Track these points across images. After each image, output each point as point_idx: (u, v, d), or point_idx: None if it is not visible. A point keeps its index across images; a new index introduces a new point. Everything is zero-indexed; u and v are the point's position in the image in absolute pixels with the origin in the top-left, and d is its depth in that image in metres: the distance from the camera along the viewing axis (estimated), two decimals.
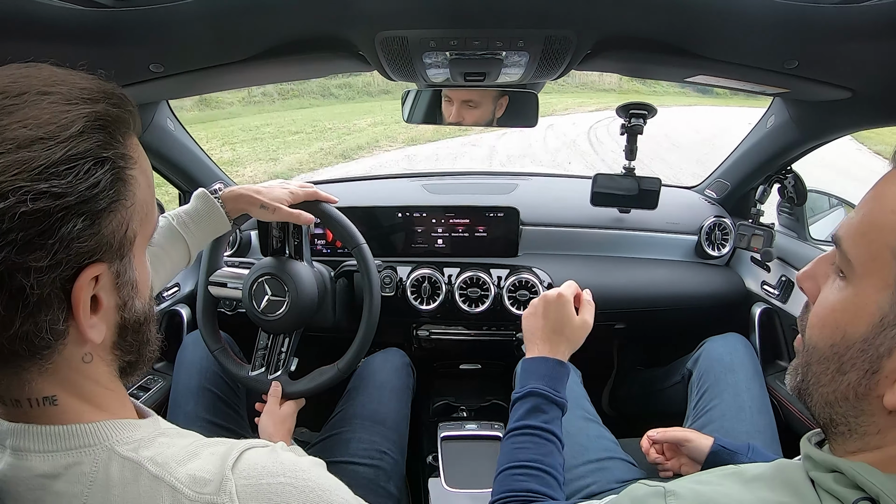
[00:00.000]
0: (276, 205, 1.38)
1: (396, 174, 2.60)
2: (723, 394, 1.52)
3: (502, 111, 1.74)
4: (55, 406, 0.62)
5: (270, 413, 1.45)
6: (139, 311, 0.69)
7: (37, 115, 0.55)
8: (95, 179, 0.57)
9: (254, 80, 1.60)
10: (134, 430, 0.66)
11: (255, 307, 1.49)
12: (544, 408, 1.08)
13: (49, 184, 0.53)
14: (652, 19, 1.08)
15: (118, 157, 0.60)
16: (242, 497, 0.62)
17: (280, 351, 1.54)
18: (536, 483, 0.99)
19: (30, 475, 0.61)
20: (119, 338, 0.68)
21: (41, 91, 0.56)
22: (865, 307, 0.58)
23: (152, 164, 1.81)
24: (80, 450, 0.62)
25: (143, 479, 0.62)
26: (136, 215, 0.64)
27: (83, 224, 0.56)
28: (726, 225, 2.02)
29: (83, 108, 0.57)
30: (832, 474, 0.59)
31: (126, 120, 0.63)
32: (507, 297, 1.89)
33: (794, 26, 1.03)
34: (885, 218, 0.57)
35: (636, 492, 0.71)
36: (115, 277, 0.63)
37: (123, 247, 0.63)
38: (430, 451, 1.77)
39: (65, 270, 0.56)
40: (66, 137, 0.55)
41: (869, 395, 0.59)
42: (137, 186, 0.64)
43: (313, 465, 0.70)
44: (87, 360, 0.64)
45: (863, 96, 1.28)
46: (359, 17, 1.06)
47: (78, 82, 0.60)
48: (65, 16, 0.97)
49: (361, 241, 1.49)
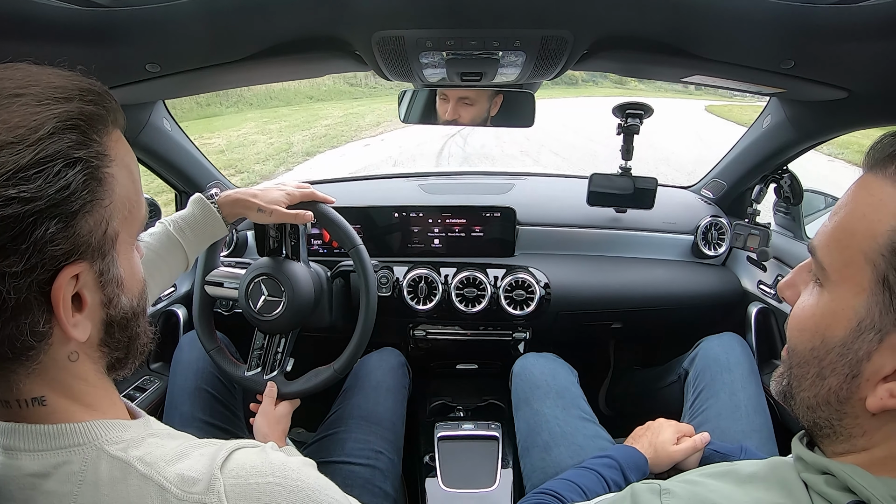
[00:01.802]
0: (274, 207, 1.38)
1: (393, 174, 2.60)
2: (719, 393, 1.52)
3: (497, 110, 1.75)
4: (44, 406, 0.63)
5: (265, 413, 1.44)
6: (126, 308, 0.68)
7: (6, 119, 0.54)
8: (66, 181, 0.56)
9: (250, 80, 1.60)
10: (123, 430, 0.66)
11: (251, 307, 1.49)
12: (613, 467, 1.27)
13: (17, 189, 0.52)
14: (648, 19, 1.08)
15: (92, 157, 0.59)
16: (231, 497, 0.62)
17: (276, 351, 1.53)
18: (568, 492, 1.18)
19: (20, 474, 0.61)
20: (106, 335, 0.67)
21: (13, 93, 0.56)
22: (842, 312, 0.59)
23: (148, 164, 1.82)
24: (70, 449, 0.62)
25: (131, 478, 0.62)
26: (117, 213, 0.63)
27: (56, 227, 0.56)
28: (722, 225, 2.02)
29: (55, 109, 0.57)
30: (823, 476, 0.60)
31: (103, 116, 0.62)
32: (504, 297, 1.89)
33: (790, 26, 1.03)
34: (857, 224, 0.58)
35: (633, 488, 0.72)
36: (98, 275, 0.63)
37: (104, 245, 0.62)
38: (426, 451, 1.77)
39: (41, 273, 0.56)
40: (35, 140, 0.54)
41: (851, 398, 0.59)
42: (116, 184, 0.63)
43: (303, 464, 0.70)
44: (74, 358, 0.64)
45: (859, 96, 1.28)
46: (355, 17, 1.06)
47: (53, 81, 0.59)
48: (60, 15, 0.97)
49: (358, 243, 1.49)
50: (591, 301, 1.95)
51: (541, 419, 1.52)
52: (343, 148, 13.47)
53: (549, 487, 1.21)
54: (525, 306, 1.90)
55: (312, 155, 12.55)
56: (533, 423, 1.53)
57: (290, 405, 1.49)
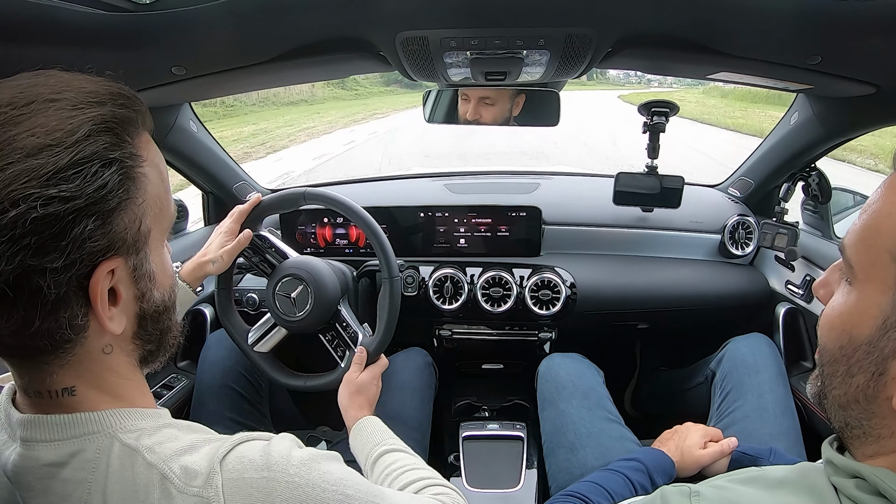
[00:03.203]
0: (220, 252, 1.43)
1: (418, 174, 2.60)
2: (746, 395, 1.51)
3: (519, 110, 1.74)
4: (73, 396, 0.65)
5: (346, 383, 1.41)
6: (158, 301, 0.71)
7: (44, 123, 0.56)
8: (103, 181, 0.58)
9: (275, 82, 1.61)
10: (140, 418, 0.68)
11: (278, 309, 1.50)
12: (640, 471, 1.27)
13: (58, 189, 0.55)
14: (673, 16, 1.07)
15: (126, 157, 0.61)
16: (227, 491, 0.63)
17: (346, 326, 1.53)
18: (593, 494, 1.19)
19: (37, 465, 0.63)
20: (139, 328, 0.70)
21: (48, 99, 0.58)
22: (868, 310, 0.59)
23: (176, 165, 1.84)
24: (85, 437, 0.64)
25: (138, 465, 0.63)
26: (149, 211, 0.66)
27: (94, 224, 0.58)
28: (750, 223, 2.00)
29: (89, 112, 0.59)
30: (854, 480, 0.59)
31: (134, 119, 0.64)
32: (530, 297, 1.89)
33: (816, 21, 1.02)
34: (883, 222, 0.58)
35: (663, 491, 0.71)
36: (133, 270, 0.65)
37: (138, 241, 0.65)
38: (451, 450, 1.77)
39: (80, 269, 0.58)
40: (73, 142, 0.57)
41: (878, 397, 0.59)
42: (148, 183, 0.65)
43: (311, 459, 0.70)
44: (108, 351, 0.66)
45: (888, 92, 1.26)
46: (379, 17, 1.07)
47: (84, 86, 0.61)
48: (87, 21, 0.99)
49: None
50: (617, 301, 1.94)
51: (566, 420, 1.52)
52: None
53: (575, 490, 1.21)
54: (551, 306, 1.89)
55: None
56: (559, 424, 1.53)
57: (370, 372, 1.43)
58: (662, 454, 1.33)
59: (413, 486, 1.03)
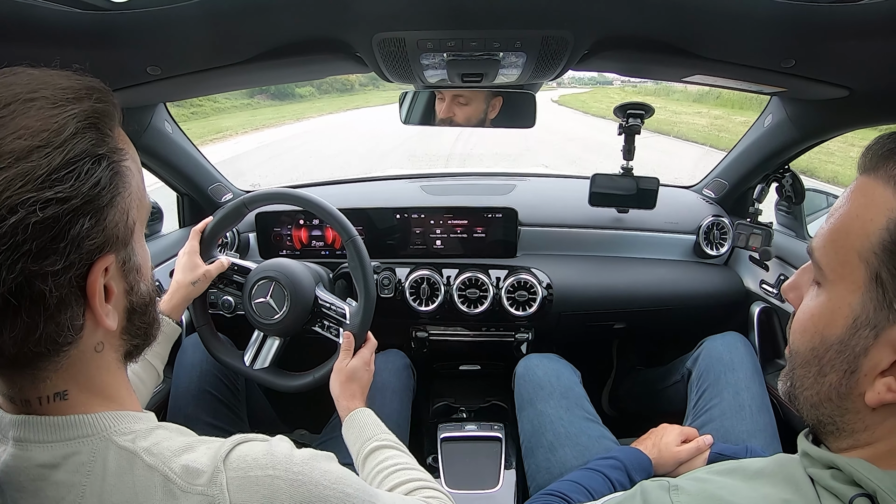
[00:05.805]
0: (201, 271, 1.44)
1: (394, 175, 2.60)
2: (722, 392, 1.52)
3: (495, 112, 1.74)
4: (65, 401, 0.64)
5: (337, 371, 1.40)
6: (144, 293, 0.72)
7: (28, 125, 0.55)
8: (96, 178, 0.58)
9: (251, 82, 1.60)
10: (133, 421, 0.67)
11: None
12: (618, 468, 1.29)
13: (54, 190, 0.54)
14: (649, 19, 1.08)
15: (112, 152, 0.62)
16: (232, 489, 0.63)
17: (330, 307, 1.53)
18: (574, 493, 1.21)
19: (30, 465, 0.62)
20: (128, 322, 0.70)
21: (26, 98, 0.57)
22: (839, 310, 0.60)
23: (151, 167, 1.82)
24: (79, 440, 0.63)
25: (137, 468, 0.63)
26: (134, 203, 0.66)
27: (90, 223, 0.58)
28: (724, 224, 2.02)
29: (71, 109, 0.59)
30: (829, 471, 0.61)
31: (112, 113, 0.64)
32: (506, 298, 1.90)
33: (790, 25, 1.03)
34: (851, 223, 0.60)
35: (643, 486, 0.73)
36: (122, 265, 0.66)
37: (127, 235, 0.65)
38: (430, 452, 1.77)
39: (78, 268, 0.58)
40: (62, 142, 0.56)
41: (851, 394, 0.61)
42: (132, 176, 0.66)
43: (311, 458, 0.70)
44: (100, 349, 0.66)
45: (860, 95, 1.28)
46: (356, 19, 1.06)
47: (59, 82, 0.61)
48: (60, 19, 0.97)
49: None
50: (593, 301, 1.95)
51: (545, 420, 1.52)
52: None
53: (554, 489, 1.22)
54: (527, 307, 1.90)
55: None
56: (537, 424, 1.53)
57: (360, 357, 1.42)
58: (640, 452, 1.35)
59: (404, 486, 1.03)
